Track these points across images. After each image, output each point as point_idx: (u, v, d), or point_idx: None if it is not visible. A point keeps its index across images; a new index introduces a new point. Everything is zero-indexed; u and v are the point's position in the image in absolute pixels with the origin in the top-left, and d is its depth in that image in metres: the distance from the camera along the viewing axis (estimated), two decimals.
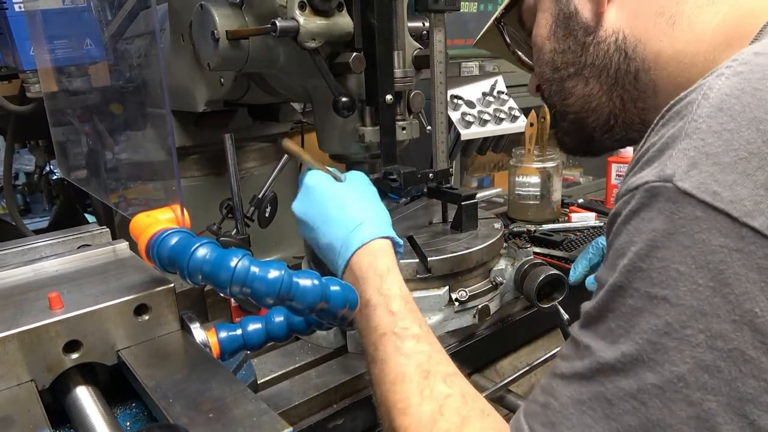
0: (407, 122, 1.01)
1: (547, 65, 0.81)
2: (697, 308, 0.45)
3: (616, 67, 0.72)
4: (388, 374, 0.65)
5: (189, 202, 0.79)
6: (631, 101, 0.74)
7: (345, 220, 0.78)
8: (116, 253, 0.89)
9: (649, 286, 0.47)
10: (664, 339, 0.46)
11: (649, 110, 0.73)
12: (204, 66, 1.01)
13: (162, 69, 0.74)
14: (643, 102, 0.73)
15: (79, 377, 0.69)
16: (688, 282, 0.45)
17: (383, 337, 0.68)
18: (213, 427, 0.56)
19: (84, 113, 1.13)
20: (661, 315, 0.46)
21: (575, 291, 1.06)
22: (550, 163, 1.54)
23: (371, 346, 0.69)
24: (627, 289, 0.49)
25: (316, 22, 0.88)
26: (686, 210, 0.46)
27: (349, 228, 0.77)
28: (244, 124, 1.35)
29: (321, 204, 0.82)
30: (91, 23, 1.12)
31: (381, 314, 0.69)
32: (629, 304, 0.49)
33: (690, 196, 0.46)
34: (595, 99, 0.76)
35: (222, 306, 1.13)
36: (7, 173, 1.71)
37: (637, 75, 0.71)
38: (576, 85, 0.77)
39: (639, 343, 0.47)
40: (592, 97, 0.76)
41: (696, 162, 0.47)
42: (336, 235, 0.78)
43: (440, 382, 0.63)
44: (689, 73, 0.66)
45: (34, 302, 0.71)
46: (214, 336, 0.76)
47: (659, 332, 0.46)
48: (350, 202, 0.81)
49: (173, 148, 0.75)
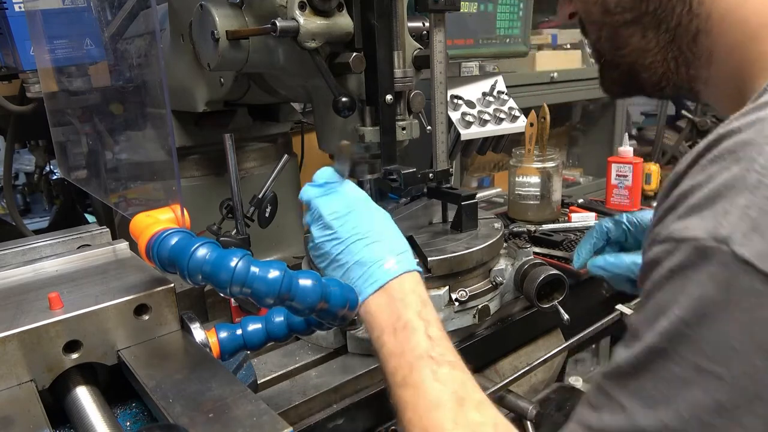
0: (407, 122, 1.01)
1: (595, 4, 0.69)
2: (754, 392, 0.42)
3: (677, 21, 0.63)
4: (422, 399, 0.64)
5: (189, 202, 0.79)
6: (684, 65, 0.66)
7: (390, 244, 0.76)
8: (116, 253, 0.89)
9: (698, 358, 0.43)
10: (715, 419, 0.43)
11: (698, 80, 0.66)
12: (204, 66, 1.01)
13: (162, 69, 0.74)
14: (695, 69, 0.65)
15: (79, 377, 0.69)
16: (745, 362, 0.42)
17: (420, 361, 0.66)
18: (213, 427, 0.56)
19: (84, 113, 1.13)
20: (712, 392, 0.43)
21: (575, 291, 1.06)
22: (550, 163, 1.54)
23: (404, 367, 0.67)
24: (670, 354, 0.45)
25: (316, 22, 0.88)
26: (744, 281, 0.41)
27: (395, 252, 0.75)
28: (244, 124, 1.35)
29: (367, 221, 0.77)
30: (91, 23, 1.12)
31: (419, 338, 0.68)
32: (673, 370, 0.45)
33: (749, 266, 0.41)
34: (650, 55, 0.68)
35: (222, 306, 1.13)
36: (7, 173, 1.71)
37: (697, 36, 0.63)
38: (633, 35, 0.67)
39: (684, 417, 0.44)
40: (648, 52, 0.67)
41: (759, 225, 0.41)
42: (376, 255, 0.74)
43: (473, 410, 0.62)
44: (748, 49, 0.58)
45: (34, 302, 0.71)
46: (214, 336, 0.76)
47: (709, 410, 0.43)
48: (391, 228, 0.79)
49: (173, 148, 0.75)
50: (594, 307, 1.35)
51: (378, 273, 0.74)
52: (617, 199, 1.74)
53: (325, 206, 0.78)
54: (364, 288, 0.73)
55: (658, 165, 1.94)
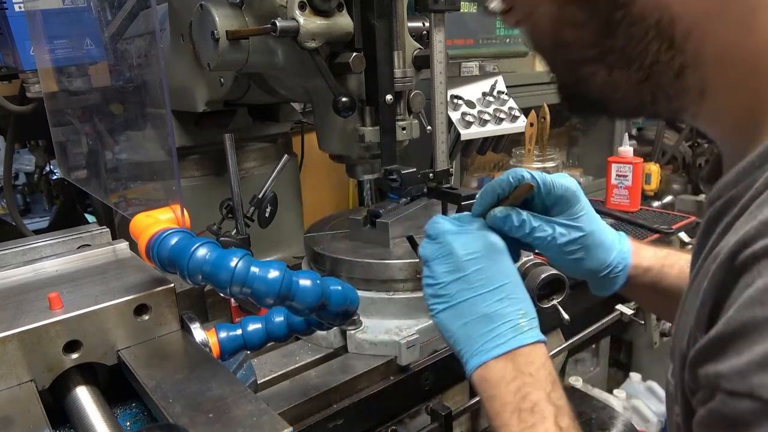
0: (407, 122, 1.01)
1: (545, 34, 0.57)
2: None
3: (653, 59, 0.50)
4: None
5: (189, 202, 0.79)
6: (665, 99, 0.54)
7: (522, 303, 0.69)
8: (116, 253, 0.89)
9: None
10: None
11: (686, 113, 0.55)
12: (204, 66, 1.01)
13: (162, 69, 0.75)
14: (680, 103, 0.53)
15: (79, 377, 0.69)
16: None
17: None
18: (213, 427, 0.56)
19: (84, 113, 1.13)
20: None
21: (575, 291, 1.06)
22: (550, 163, 1.54)
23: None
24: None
25: (316, 22, 0.88)
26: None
27: (527, 316, 0.68)
28: (244, 124, 1.35)
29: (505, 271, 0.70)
30: (91, 23, 1.12)
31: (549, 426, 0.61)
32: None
33: None
34: (620, 90, 0.55)
35: (222, 306, 1.13)
36: (7, 173, 1.71)
37: (682, 73, 0.50)
38: (595, 73, 0.55)
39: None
40: (618, 88, 0.55)
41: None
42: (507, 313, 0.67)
43: None
44: (758, 86, 0.48)
45: (34, 302, 0.71)
46: (214, 336, 0.76)
47: None
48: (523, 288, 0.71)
49: (173, 148, 0.75)
50: (594, 307, 1.35)
51: (508, 334, 0.66)
52: (617, 199, 1.74)
53: (459, 244, 0.70)
54: (487, 348, 0.66)
55: (658, 165, 1.94)
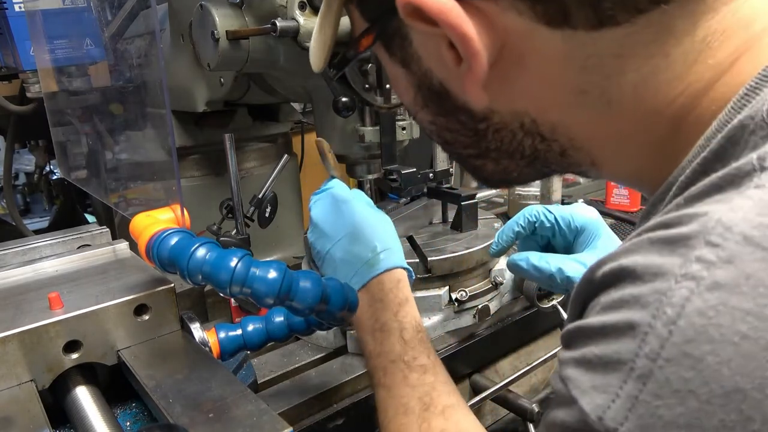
0: (407, 122, 1.01)
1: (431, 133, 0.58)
2: None
3: (532, 149, 0.51)
4: (392, 403, 0.66)
5: (189, 202, 0.79)
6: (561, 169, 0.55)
7: (372, 241, 0.77)
8: (116, 253, 0.89)
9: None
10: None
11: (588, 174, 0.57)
12: (204, 66, 1.01)
13: (162, 69, 0.74)
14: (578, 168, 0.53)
15: (79, 377, 0.69)
16: None
17: (392, 365, 0.68)
18: (213, 427, 0.56)
19: (84, 113, 1.13)
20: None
21: None
22: None
23: (380, 371, 0.69)
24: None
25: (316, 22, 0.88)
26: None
27: (376, 250, 0.76)
28: (244, 124, 1.35)
29: (350, 219, 0.80)
30: (91, 23, 1.12)
31: (394, 341, 0.70)
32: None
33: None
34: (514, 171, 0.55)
35: (222, 306, 1.13)
36: (7, 173, 1.71)
37: (565, 153, 0.50)
38: (484, 164, 0.56)
39: None
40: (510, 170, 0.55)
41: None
42: (358, 253, 0.77)
43: (439, 415, 0.63)
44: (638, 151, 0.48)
45: (34, 302, 0.71)
46: (214, 336, 0.76)
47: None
48: (377, 225, 0.80)
49: (173, 148, 0.75)
50: None
51: (363, 271, 0.75)
52: (617, 199, 1.74)
53: (314, 207, 0.83)
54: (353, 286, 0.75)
55: None
